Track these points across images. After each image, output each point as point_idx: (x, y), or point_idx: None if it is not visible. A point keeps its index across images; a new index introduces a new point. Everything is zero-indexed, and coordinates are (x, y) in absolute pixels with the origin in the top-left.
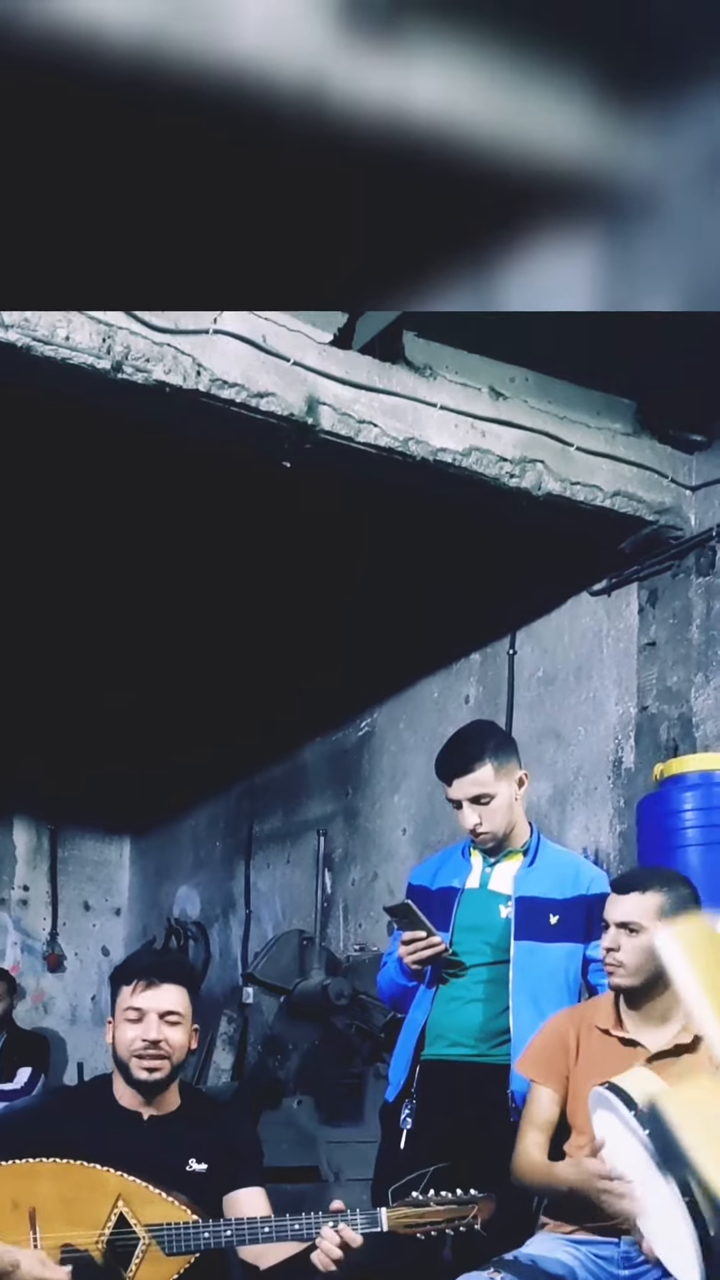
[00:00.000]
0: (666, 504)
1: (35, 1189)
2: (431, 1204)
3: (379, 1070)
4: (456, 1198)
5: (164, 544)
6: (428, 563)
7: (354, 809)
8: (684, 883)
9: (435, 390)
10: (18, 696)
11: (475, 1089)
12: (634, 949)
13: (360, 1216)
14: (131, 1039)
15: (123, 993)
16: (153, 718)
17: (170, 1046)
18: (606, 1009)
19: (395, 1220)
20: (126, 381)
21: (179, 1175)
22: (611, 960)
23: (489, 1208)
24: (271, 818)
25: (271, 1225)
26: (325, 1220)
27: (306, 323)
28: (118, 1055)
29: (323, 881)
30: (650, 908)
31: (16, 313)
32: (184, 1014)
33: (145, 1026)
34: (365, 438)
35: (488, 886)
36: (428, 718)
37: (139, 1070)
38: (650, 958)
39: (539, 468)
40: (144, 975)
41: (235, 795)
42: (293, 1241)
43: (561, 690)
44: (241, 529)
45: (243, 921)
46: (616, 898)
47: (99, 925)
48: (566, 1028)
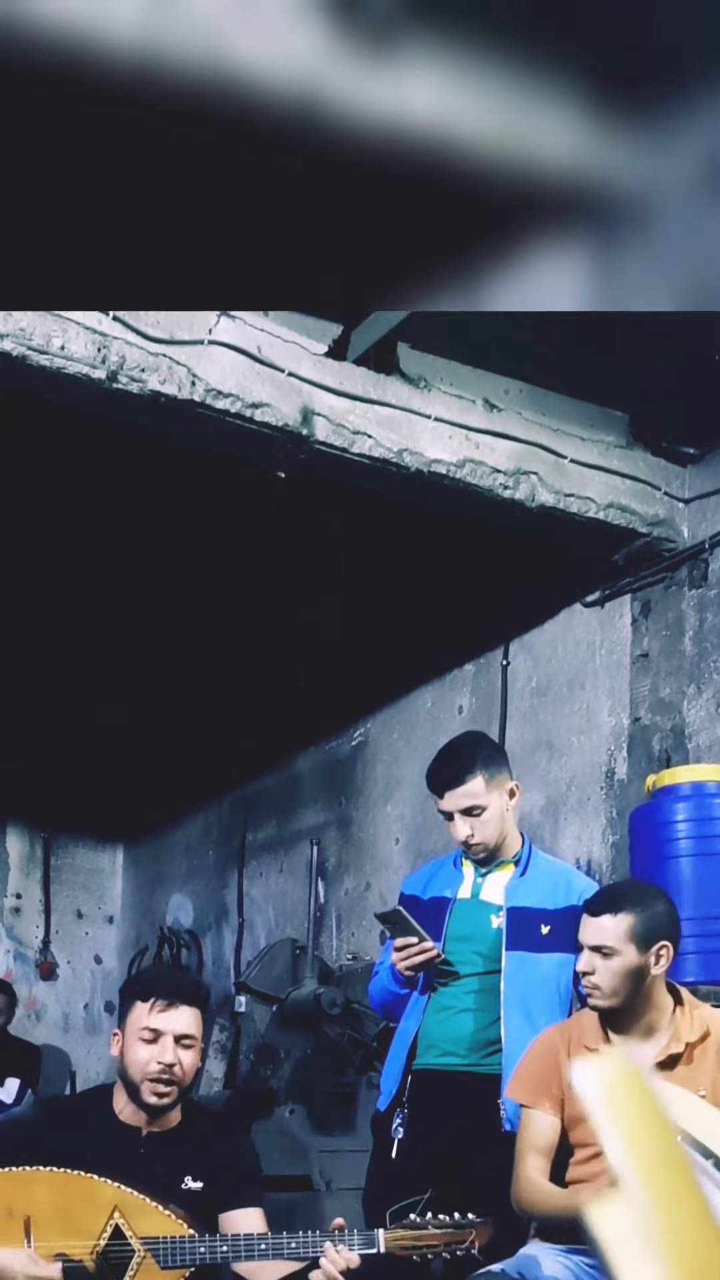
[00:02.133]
0: (660, 516)
1: (31, 1197)
2: (429, 1227)
3: (371, 1079)
4: (454, 1221)
5: (158, 554)
6: (422, 573)
7: (347, 818)
8: (659, 898)
9: (429, 402)
10: (11, 704)
11: (467, 1099)
12: (608, 972)
13: (357, 1237)
14: (146, 1060)
15: (138, 1009)
16: (146, 726)
17: (183, 1071)
18: (593, 1028)
19: (392, 1242)
20: (121, 391)
21: (174, 1192)
22: (588, 984)
23: (486, 1233)
24: (265, 827)
25: (268, 1242)
26: (322, 1239)
27: (301, 334)
28: (128, 1075)
29: (315, 890)
30: (623, 930)
31: (11, 322)
32: (198, 1037)
33: (161, 1049)
34: (359, 449)
35: (479, 897)
36: (421, 728)
37: (149, 1095)
38: (625, 980)
39: (533, 479)
40: (164, 995)
41: (228, 804)
42: (289, 1260)
43: (555, 701)
44: (235, 539)
45: (235, 930)
46: (588, 919)
47: (92, 933)
48: (558, 1047)
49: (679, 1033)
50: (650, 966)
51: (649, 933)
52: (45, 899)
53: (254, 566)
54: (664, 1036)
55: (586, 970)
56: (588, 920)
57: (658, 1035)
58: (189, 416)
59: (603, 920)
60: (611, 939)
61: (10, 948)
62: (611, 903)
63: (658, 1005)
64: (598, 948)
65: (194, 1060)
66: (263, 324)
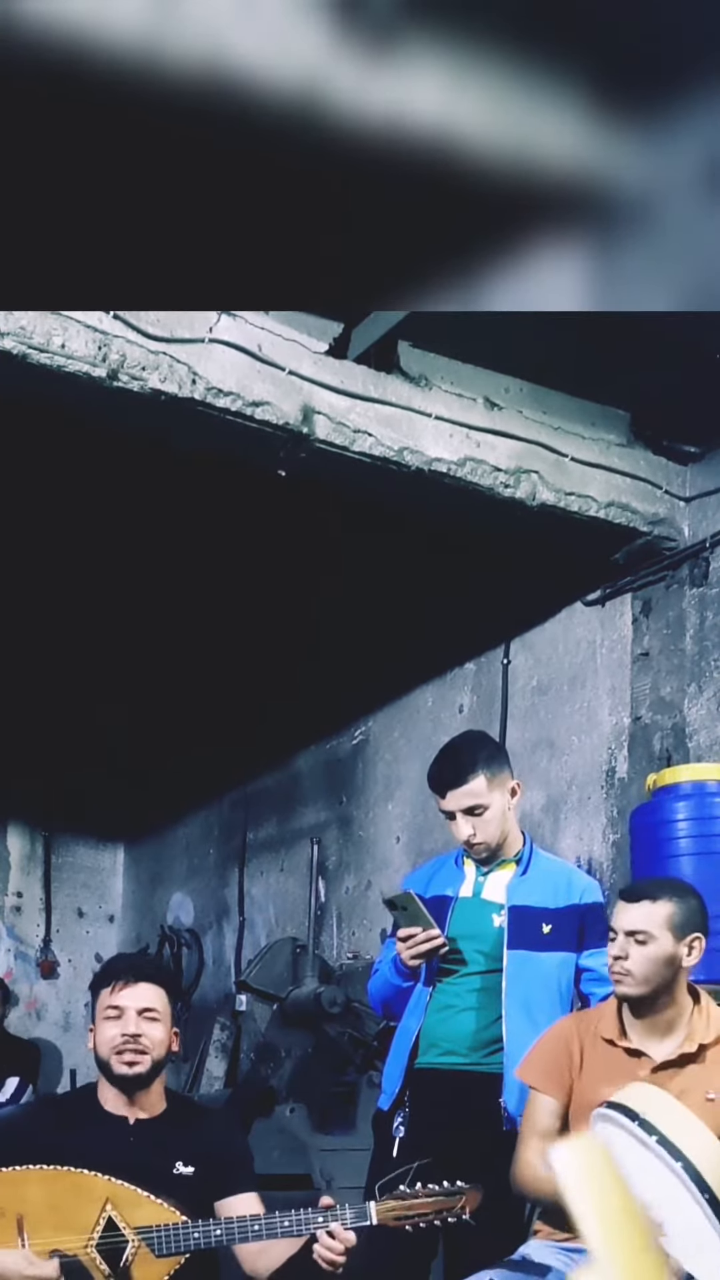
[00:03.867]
0: (660, 515)
1: (22, 1196)
2: (420, 1196)
3: (372, 1078)
4: (444, 1189)
5: (159, 553)
6: (422, 572)
7: (348, 817)
8: (693, 894)
9: (430, 400)
10: (12, 704)
11: (468, 1098)
12: (643, 958)
13: (349, 1211)
14: (111, 1036)
15: (101, 995)
16: (147, 725)
17: (150, 1041)
18: (610, 1019)
19: (384, 1213)
20: (122, 390)
21: (166, 1178)
22: (619, 969)
23: (476, 1197)
24: (265, 825)
25: (261, 1223)
26: (315, 1216)
27: (302, 332)
28: (99, 1055)
29: (316, 889)
30: (661, 917)
31: (12, 320)
32: (162, 1011)
33: (124, 1022)
34: (360, 447)
35: (481, 895)
36: (422, 726)
37: (119, 1065)
38: (659, 967)
39: (533, 478)
40: (121, 976)
41: (229, 803)
42: (284, 1239)
43: (555, 700)
44: (236, 538)
45: (236, 929)
46: (625, 906)
47: (92, 932)
48: (571, 1035)
49: (694, 1033)
50: (683, 957)
51: (685, 923)
52: (46, 898)
53: (254, 565)
54: (680, 1035)
55: (620, 955)
56: (625, 906)
57: (674, 1033)
58: (189, 415)
59: (642, 906)
60: (651, 924)
61: (11, 946)
62: (650, 890)
63: (678, 1002)
64: (634, 933)
65: (161, 1033)
66: (263, 322)
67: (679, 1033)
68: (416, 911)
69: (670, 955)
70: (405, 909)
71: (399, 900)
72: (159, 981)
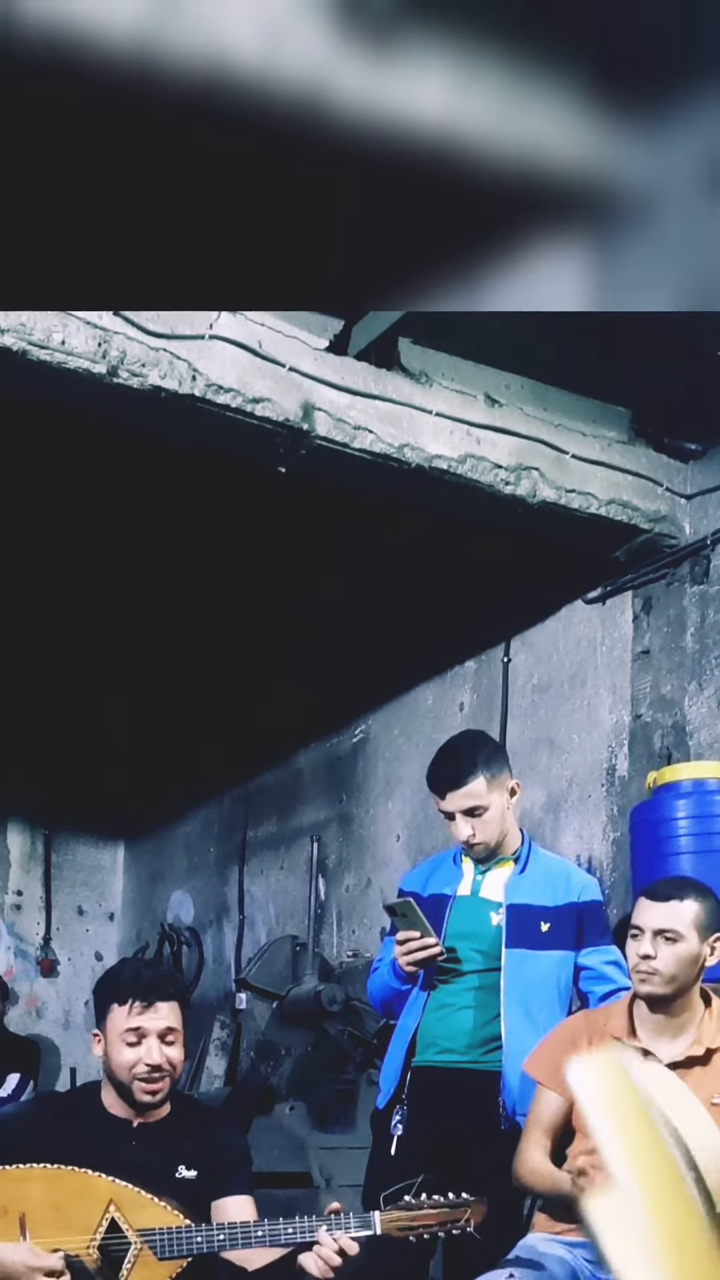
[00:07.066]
0: (661, 512)
1: (25, 1194)
2: (425, 1207)
3: (371, 1077)
4: (449, 1201)
5: (159, 549)
6: (423, 569)
7: (348, 815)
8: (712, 894)
9: (431, 397)
10: (12, 701)
11: (466, 1096)
12: (672, 957)
13: (353, 1219)
14: (133, 1063)
15: (115, 1012)
16: (147, 723)
17: (171, 1065)
18: (620, 1017)
19: (388, 1223)
20: (122, 386)
21: (169, 1182)
22: (646, 968)
23: (481, 1210)
24: (265, 823)
25: (265, 1229)
26: (319, 1224)
27: (302, 328)
28: (115, 1077)
29: (316, 887)
30: (689, 916)
31: (12, 317)
32: (179, 1029)
33: (147, 1049)
34: (360, 444)
35: (479, 894)
36: (422, 724)
37: (142, 1094)
38: (686, 966)
39: (534, 475)
40: (140, 996)
41: (229, 801)
42: (284, 1246)
43: (556, 698)
44: (236, 534)
45: (236, 927)
46: (651, 904)
47: (92, 930)
48: (580, 1032)
49: (703, 1036)
50: (706, 957)
51: (710, 923)
52: (46, 896)
53: (254, 562)
54: (688, 1037)
55: (647, 954)
56: (651, 905)
57: (684, 1035)
58: (189, 412)
59: (671, 905)
60: (679, 923)
61: (11, 944)
62: (677, 889)
63: (692, 1004)
64: (662, 931)
65: (179, 1053)
66: (263, 319)
67: (688, 1035)
68: (416, 920)
69: (696, 954)
70: (405, 916)
71: (399, 908)
72: (176, 998)
